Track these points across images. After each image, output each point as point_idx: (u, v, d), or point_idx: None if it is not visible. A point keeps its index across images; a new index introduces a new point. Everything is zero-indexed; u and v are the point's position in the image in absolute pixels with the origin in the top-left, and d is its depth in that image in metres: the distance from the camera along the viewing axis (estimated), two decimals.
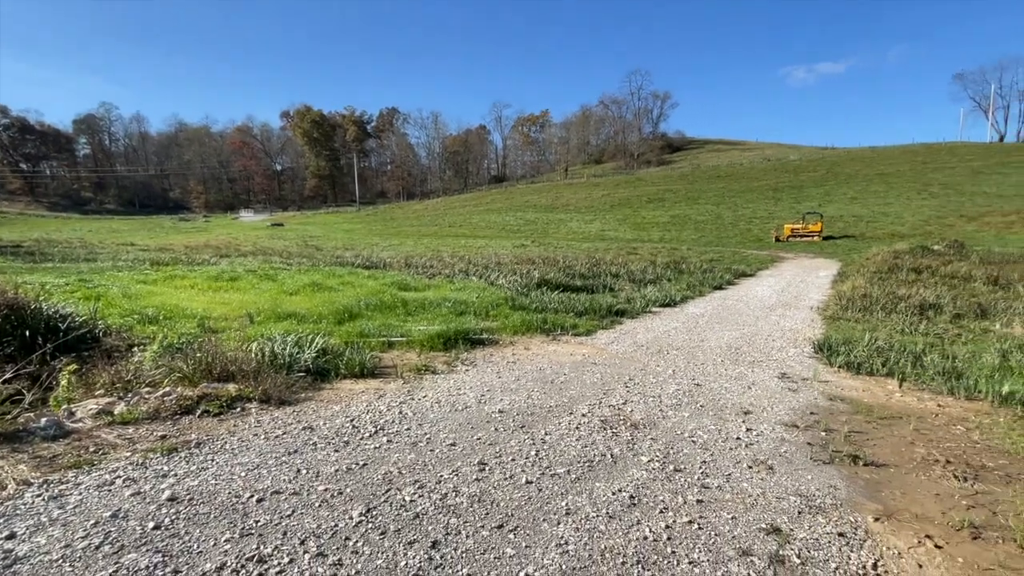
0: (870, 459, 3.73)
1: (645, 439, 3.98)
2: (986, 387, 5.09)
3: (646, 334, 7.94)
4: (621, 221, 47.35)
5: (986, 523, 2.94)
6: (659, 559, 2.47)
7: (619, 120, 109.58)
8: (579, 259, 19.01)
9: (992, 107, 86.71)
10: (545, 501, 2.99)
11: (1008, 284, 12.41)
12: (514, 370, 5.85)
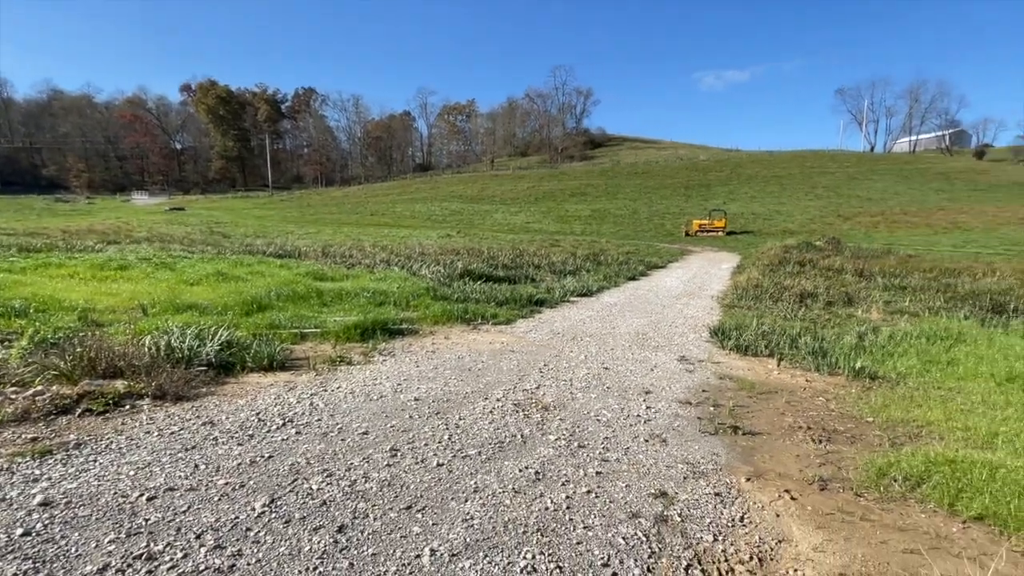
0: (748, 429, 4.21)
1: (554, 420, 4.21)
2: (844, 364, 5.90)
3: (563, 322, 8.29)
4: (545, 214, 48.42)
5: (832, 476, 3.46)
6: (557, 526, 2.67)
7: (544, 114, 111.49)
8: (503, 250, 19.27)
9: (865, 121, 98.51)
10: (455, 481, 3.09)
11: (871, 275, 14.30)
12: (433, 359, 5.89)
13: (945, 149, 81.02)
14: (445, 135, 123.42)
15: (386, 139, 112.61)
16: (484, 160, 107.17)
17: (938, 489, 3.17)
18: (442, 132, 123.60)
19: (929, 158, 72.36)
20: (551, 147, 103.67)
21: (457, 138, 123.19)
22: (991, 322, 8.43)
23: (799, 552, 2.61)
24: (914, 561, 2.57)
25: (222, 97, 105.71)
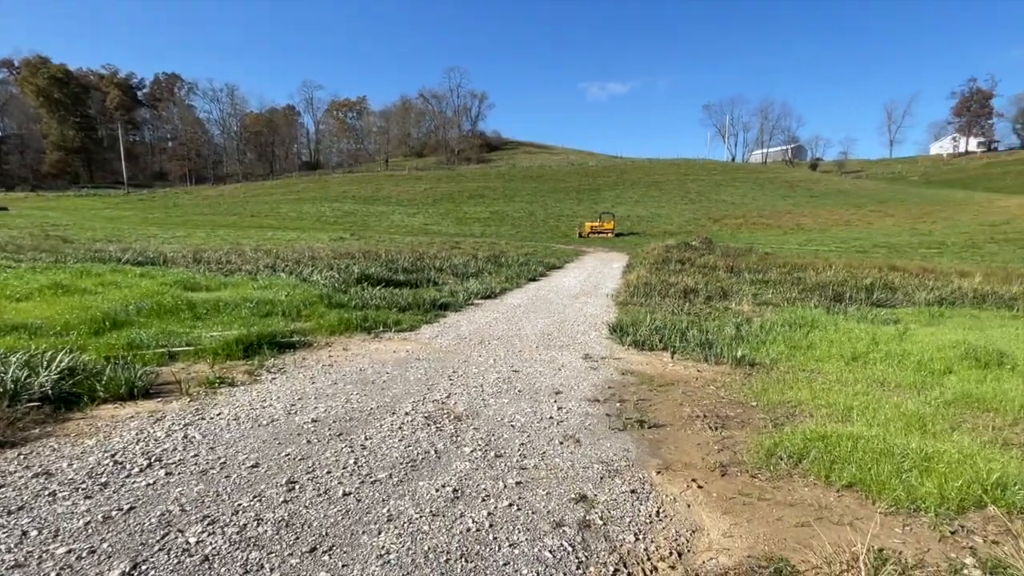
0: (652, 422, 4.40)
1: (468, 430, 4.04)
2: (727, 353, 6.47)
3: (469, 326, 8.14)
4: (444, 215, 47.94)
5: (730, 461, 3.71)
6: (482, 548, 2.52)
7: (439, 115, 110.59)
8: (403, 253, 18.65)
9: (727, 134, 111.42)
10: (365, 511, 2.80)
11: (739, 271, 16.06)
12: (331, 374, 5.41)
13: (788, 161, 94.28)
14: (335, 132, 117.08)
15: (267, 134, 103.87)
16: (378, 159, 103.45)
17: (816, 463, 3.54)
18: (331, 129, 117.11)
19: (776, 169, 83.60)
20: (448, 148, 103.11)
21: (348, 136, 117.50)
22: (834, 309, 9.83)
23: (711, 540, 2.73)
24: (806, 533, 2.81)
25: (57, 78, 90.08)
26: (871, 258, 23.46)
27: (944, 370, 5.79)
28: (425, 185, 66.89)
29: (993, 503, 2.99)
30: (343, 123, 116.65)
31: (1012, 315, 9.92)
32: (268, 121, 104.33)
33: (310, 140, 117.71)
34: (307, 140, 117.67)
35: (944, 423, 4.36)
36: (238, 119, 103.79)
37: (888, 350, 6.51)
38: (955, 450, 3.62)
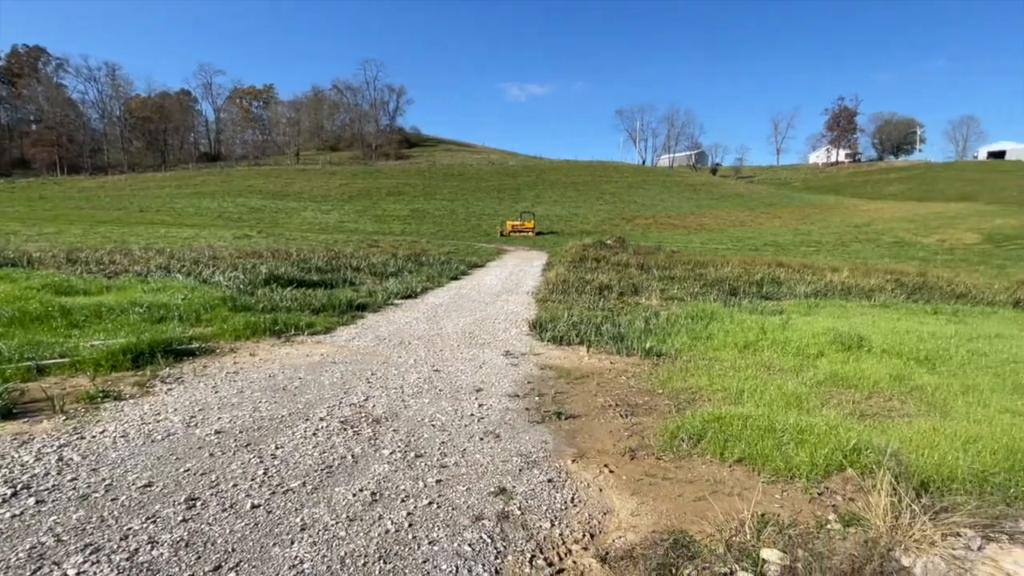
0: (569, 413, 4.60)
1: (387, 432, 3.98)
2: (637, 345, 6.90)
3: (388, 327, 7.97)
4: (361, 213, 46.24)
5: (639, 446, 3.98)
6: (401, 548, 2.51)
7: (355, 108, 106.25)
8: (316, 252, 17.77)
9: (638, 138, 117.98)
10: (276, 523, 2.68)
11: (649, 268, 17.11)
12: (236, 381, 5.07)
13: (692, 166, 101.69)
14: (238, 122, 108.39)
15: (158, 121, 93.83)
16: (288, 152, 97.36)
17: (712, 442, 3.90)
18: (234, 118, 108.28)
19: (682, 172, 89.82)
20: (364, 143, 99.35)
21: (254, 126, 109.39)
22: (730, 303, 10.80)
23: (621, 520, 2.93)
24: (703, 506, 3.10)
25: None
26: (762, 255, 26.00)
27: (817, 354, 6.60)
28: (340, 181, 64.06)
29: (851, 466, 3.47)
30: (248, 112, 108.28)
31: (871, 304, 11.48)
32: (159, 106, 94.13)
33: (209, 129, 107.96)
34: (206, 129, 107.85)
35: (816, 400, 4.98)
36: (121, 102, 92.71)
37: (774, 338, 7.28)
38: (824, 423, 4.16)
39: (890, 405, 4.94)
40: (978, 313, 10.33)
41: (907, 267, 19.79)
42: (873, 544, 2.68)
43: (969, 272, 19.28)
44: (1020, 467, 3.40)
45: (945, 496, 3.08)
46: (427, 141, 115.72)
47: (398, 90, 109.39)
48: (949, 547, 2.70)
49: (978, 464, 3.46)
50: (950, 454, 3.61)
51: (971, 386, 5.32)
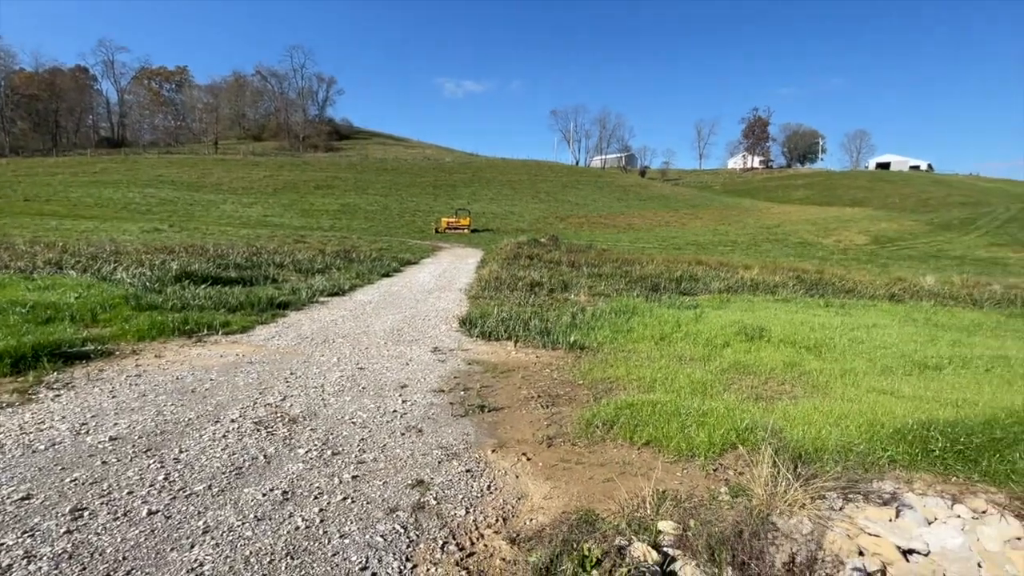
0: (492, 406, 4.71)
1: (304, 431, 3.89)
2: (562, 339, 7.15)
3: (312, 325, 7.71)
4: (287, 207, 43.99)
5: (556, 434, 4.16)
6: (310, 544, 2.49)
7: (281, 96, 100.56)
8: (236, 247, 16.74)
9: (572, 139, 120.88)
10: (175, 528, 2.56)
11: (579, 266, 17.66)
12: (138, 385, 4.72)
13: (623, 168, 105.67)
14: (146, 105, 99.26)
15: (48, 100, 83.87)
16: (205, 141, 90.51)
17: (623, 428, 4.15)
18: (142, 101, 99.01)
19: (613, 174, 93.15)
20: (291, 134, 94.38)
21: (165, 110, 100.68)
22: (652, 298, 11.42)
23: (534, 504, 3.06)
24: (611, 487, 3.31)
25: None
26: (683, 254, 27.60)
27: (724, 344, 7.16)
28: (265, 172, 60.54)
29: (742, 444, 3.84)
30: (158, 95, 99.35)
31: (775, 299, 12.57)
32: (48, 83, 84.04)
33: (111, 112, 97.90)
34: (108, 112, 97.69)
35: (720, 386, 5.42)
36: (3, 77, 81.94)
37: (687, 330, 7.81)
38: (723, 406, 4.55)
39: (782, 388, 5.47)
40: (861, 306, 11.62)
41: (808, 265, 21.80)
42: (754, 510, 3.00)
43: (858, 270, 21.58)
44: (878, 437, 3.91)
45: (816, 465, 3.49)
46: (359, 134, 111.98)
47: (328, 80, 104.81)
48: (815, 508, 3.07)
49: (845, 436, 3.94)
50: (824, 429, 4.08)
51: (849, 370, 6.01)
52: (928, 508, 3.13)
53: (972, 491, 3.31)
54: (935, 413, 4.37)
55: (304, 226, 35.59)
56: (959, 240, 37.41)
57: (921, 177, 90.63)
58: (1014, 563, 2.82)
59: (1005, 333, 8.82)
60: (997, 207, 50.66)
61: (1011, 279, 19.98)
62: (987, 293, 14.03)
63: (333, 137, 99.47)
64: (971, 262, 28.82)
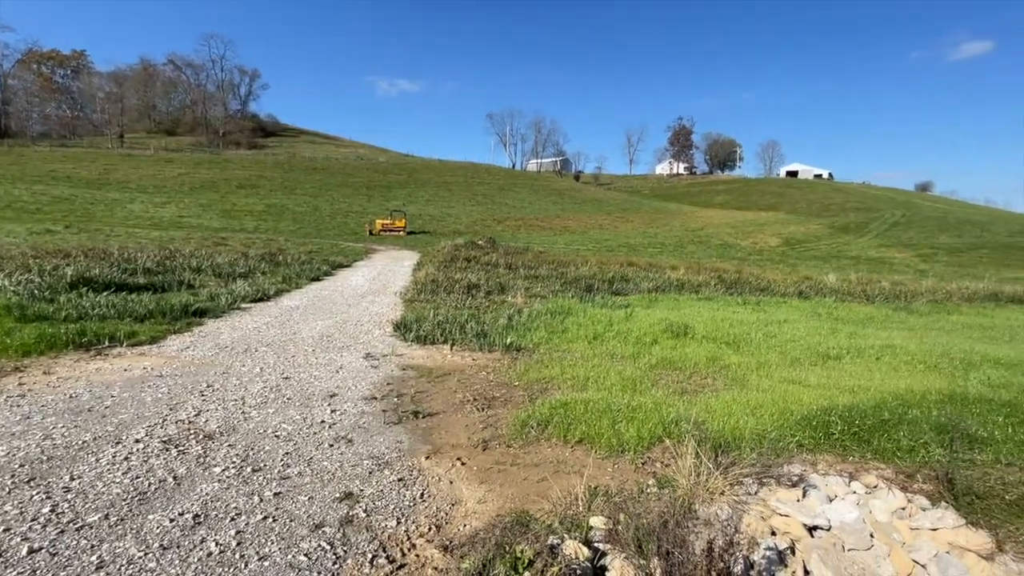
0: (427, 411, 4.62)
1: (221, 448, 3.62)
2: (499, 341, 7.16)
3: (232, 333, 7.21)
4: (206, 207, 40.99)
5: (492, 437, 4.15)
6: (223, 570, 2.31)
7: (197, 89, 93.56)
8: (146, 250, 15.39)
9: (508, 142, 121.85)
10: (62, 566, 2.28)
11: (516, 268, 17.81)
12: (20, 406, 4.19)
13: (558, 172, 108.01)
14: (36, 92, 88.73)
15: None
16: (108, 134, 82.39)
17: (557, 427, 4.21)
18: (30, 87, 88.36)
19: (549, 178, 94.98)
20: (210, 129, 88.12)
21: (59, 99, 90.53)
22: (586, 299, 11.73)
23: (468, 509, 3.03)
24: (545, 486, 3.34)
25: None
26: (616, 255, 28.63)
27: (652, 341, 7.48)
28: (180, 169, 56.08)
29: (668, 437, 4.01)
30: (49, 81, 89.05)
31: (698, 297, 13.33)
32: None
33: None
34: None
35: (648, 382, 5.65)
36: None
37: (618, 329, 8.08)
38: (651, 402, 4.74)
39: (705, 382, 5.79)
40: (774, 303, 12.58)
41: (728, 265, 23.33)
42: (678, 500, 3.14)
43: (771, 269, 23.37)
44: (788, 424, 4.24)
45: (735, 453, 3.72)
46: (287, 131, 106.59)
47: (251, 73, 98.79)
48: (734, 494, 3.27)
49: (760, 425, 4.24)
50: (742, 419, 4.36)
51: (763, 362, 6.47)
52: (830, 486, 3.42)
53: (866, 468, 3.66)
54: (835, 399, 4.80)
55: (225, 228, 33.30)
56: (855, 242, 41.56)
57: (824, 185, 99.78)
58: (899, 531, 3.15)
59: (892, 325, 9.89)
60: (885, 212, 56.83)
61: (896, 276, 22.49)
62: (877, 289, 15.67)
63: (257, 134, 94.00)
64: (864, 261, 32.12)
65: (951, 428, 3.97)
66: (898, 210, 58.57)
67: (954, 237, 43.10)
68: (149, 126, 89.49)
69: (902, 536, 3.10)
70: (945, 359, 6.58)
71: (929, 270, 28.50)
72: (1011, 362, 6.55)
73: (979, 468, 3.64)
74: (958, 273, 26.75)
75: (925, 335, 8.58)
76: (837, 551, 2.98)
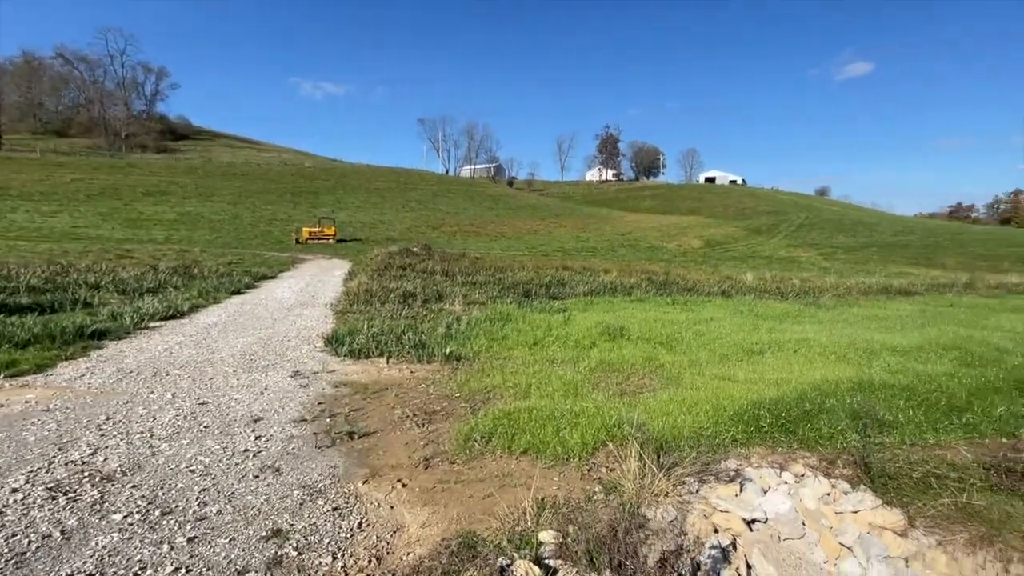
0: (363, 431, 4.35)
1: (123, 490, 3.18)
2: (438, 351, 6.96)
3: (138, 356, 6.49)
4: (107, 216, 37.15)
5: (434, 453, 3.97)
6: None
7: (93, 86, 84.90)
8: (32, 265, 13.61)
9: (440, 148, 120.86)
10: None
11: (453, 275, 17.58)
12: None
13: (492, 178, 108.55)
14: None
15: None
16: None
17: (502, 438, 4.11)
18: None
19: (483, 183, 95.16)
20: (110, 131, 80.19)
21: None
22: (525, 304, 11.75)
23: (411, 535, 2.85)
24: (491, 502, 3.22)
25: None
26: (551, 260, 29.10)
27: (591, 344, 7.59)
28: (74, 175, 50.46)
29: (612, 441, 4.03)
30: None
31: (631, 299, 13.78)
32: None
33: None
34: None
35: (589, 385, 5.69)
36: None
37: (558, 334, 8.14)
38: (593, 406, 4.76)
39: (643, 383, 5.93)
40: (701, 302, 13.26)
41: (656, 267, 24.40)
42: (625, 505, 3.13)
43: (696, 270, 24.73)
44: (722, 421, 4.40)
45: (676, 453, 3.80)
46: (201, 134, 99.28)
47: (157, 71, 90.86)
48: (677, 495, 3.32)
49: (696, 423, 4.37)
50: (679, 418, 4.48)
51: (695, 360, 6.75)
52: (763, 479, 3.57)
53: (794, 458, 3.86)
54: (762, 393, 5.07)
55: (130, 239, 30.31)
56: (767, 243, 45.03)
57: (738, 190, 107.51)
58: (827, 516, 3.33)
59: (804, 319, 10.71)
60: (791, 215, 62.09)
61: (804, 273, 24.56)
62: (790, 287, 17.00)
63: (167, 136, 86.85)
64: (776, 260, 34.85)
65: (863, 414, 4.29)
66: (802, 213, 64.23)
67: (850, 237, 47.88)
68: (34, 126, 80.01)
69: (829, 521, 3.28)
70: (851, 349, 7.19)
71: (831, 267, 31.42)
72: (904, 349, 7.27)
73: (889, 450, 3.96)
74: (854, 269, 29.73)
75: (833, 328, 9.35)
76: (774, 543, 3.10)
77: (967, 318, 11.11)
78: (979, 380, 5.60)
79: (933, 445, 4.07)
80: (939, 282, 20.85)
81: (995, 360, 6.65)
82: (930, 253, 39.69)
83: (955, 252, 39.80)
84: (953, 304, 14.27)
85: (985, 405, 4.80)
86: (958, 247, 42.15)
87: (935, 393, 5.09)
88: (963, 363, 6.52)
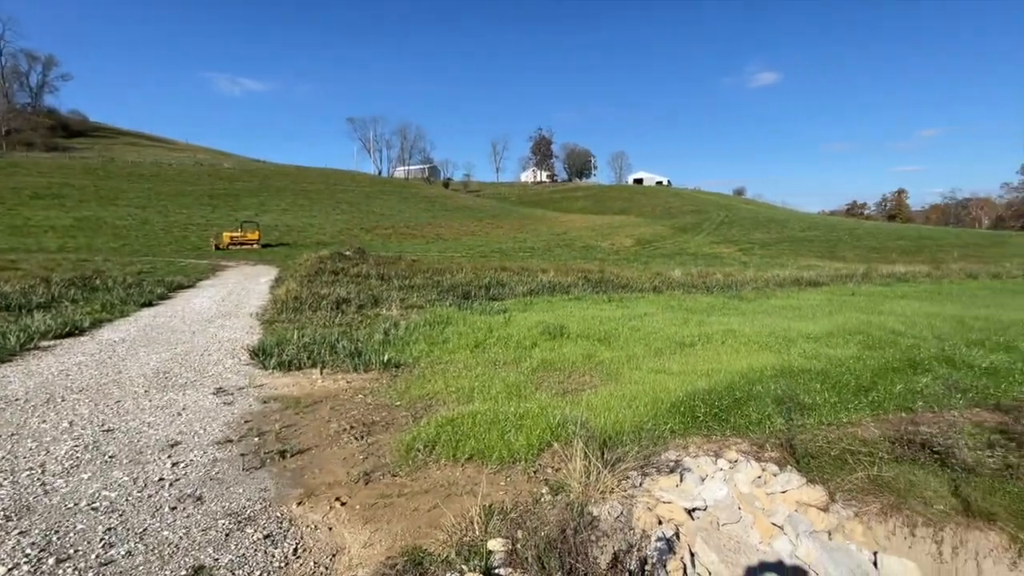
0: (296, 448, 4.08)
1: (8, 538, 2.76)
2: (375, 359, 6.70)
3: (25, 381, 5.72)
4: None
5: (375, 467, 3.79)
6: None
7: None
8: None
9: (372, 148, 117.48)
10: None
11: (389, 278, 17.09)
12: None
13: (426, 179, 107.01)
14: None
15: None
16: None
17: (446, 446, 4.00)
18: None
19: (417, 185, 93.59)
20: None
21: None
22: (464, 306, 11.62)
23: (352, 558, 2.68)
24: (437, 514, 3.11)
25: None
26: (489, 261, 29.10)
27: (532, 344, 7.61)
28: None
29: (556, 440, 4.04)
30: None
31: (569, 298, 14.04)
32: None
33: None
34: None
35: (532, 386, 5.69)
36: None
37: (499, 335, 8.10)
38: (537, 406, 4.75)
39: (584, 380, 6.01)
40: (634, 298, 13.75)
41: (591, 266, 25.06)
42: (573, 504, 3.14)
43: (628, 268, 25.67)
44: (660, 413, 4.54)
45: (619, 448, 3.86)
46: (99, 131, 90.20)
47: (44, 59, 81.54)
48: (622, 490, 3.37)
49: (637, 416, 4.48)
50: (620, 412, 4.58)
51: (632, 355, 6.95)
52: (701, 467, 3.71)
53: (727, 445, 4.05)
54: (696, 384, 5.30)
55: (16, 247, 26.88)
56: (692, 240, 47.65)
57: (664, 191, 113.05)
58: (759, 499, 3.51)
59: (729, 311, 11.39)
60: (712, 214, 66.12)
61: (726, 268, 26.19)
62: (714, 281, 18.05)
63: (59, 133, 78.15)
64: (701, 257, 36.98)
65: (787, 399, 4.60)
66: (722, 212, 68.60)
67: (764, 233, 51.74)
68: None
69: (762, 503, 3.46)
70: (772, 338, 7.71)
71: (749, 262, 33.77)
72: (817, 336, 7.90)
73: (809, 431, 4.25)
74: (770, 263, 32.11)
75: (755, 318, 10.01)
76: (714, 529, 3.22)
77: (866, 305, 12.30)
78: (880, 361, 6.19)
79: (846, 424, 4.42)
80: (841, 273, 22.99)
81: (892, 342, 7.38)
82: (832, 247, 43.75)
83: (853, 246, 44.14)
84: (854, 293, 15.75)
85: (886, 384, 5.30)
86: (855, 241, 46.77)
87: (845, 375, 5.55)
88: (866, 346, 7.18)
